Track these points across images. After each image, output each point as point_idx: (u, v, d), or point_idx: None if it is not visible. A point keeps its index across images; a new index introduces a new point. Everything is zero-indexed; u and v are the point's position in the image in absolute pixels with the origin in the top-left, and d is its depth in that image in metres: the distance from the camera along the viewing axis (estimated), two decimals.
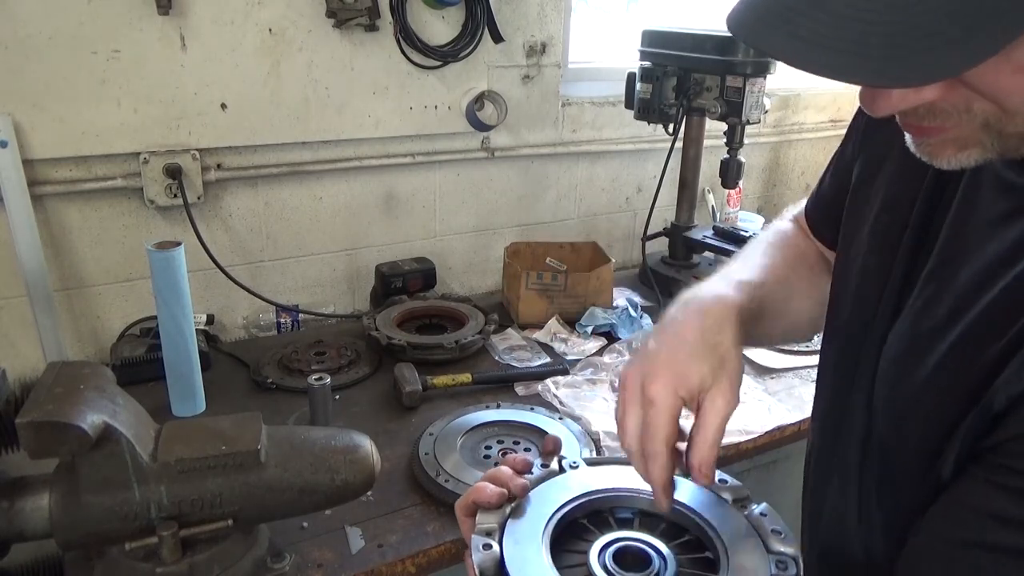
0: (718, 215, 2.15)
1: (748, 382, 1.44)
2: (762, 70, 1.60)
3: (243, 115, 1.48)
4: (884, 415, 0.64)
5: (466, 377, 1.36)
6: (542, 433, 1.21)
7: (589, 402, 1.32)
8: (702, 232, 1.88)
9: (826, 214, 0.83)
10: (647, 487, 0.65)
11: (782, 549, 0.61)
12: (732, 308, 0.68)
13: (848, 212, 0.75)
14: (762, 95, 1.63)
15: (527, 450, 1.18)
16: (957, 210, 0.60)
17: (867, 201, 0.71)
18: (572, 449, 1.16)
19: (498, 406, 1.29)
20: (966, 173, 0.60)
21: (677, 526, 0.65)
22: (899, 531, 0.61)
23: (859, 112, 0.78)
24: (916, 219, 0.64)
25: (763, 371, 1.49)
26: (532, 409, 1.27)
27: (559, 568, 0.60)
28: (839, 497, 0.71)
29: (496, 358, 1.51)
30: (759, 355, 1.53)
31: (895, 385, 0.62)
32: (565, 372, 1.43)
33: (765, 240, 0.88)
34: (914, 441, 0.59)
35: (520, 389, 1.39)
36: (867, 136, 0.75)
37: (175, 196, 1.44)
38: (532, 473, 0.69)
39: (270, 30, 1.45)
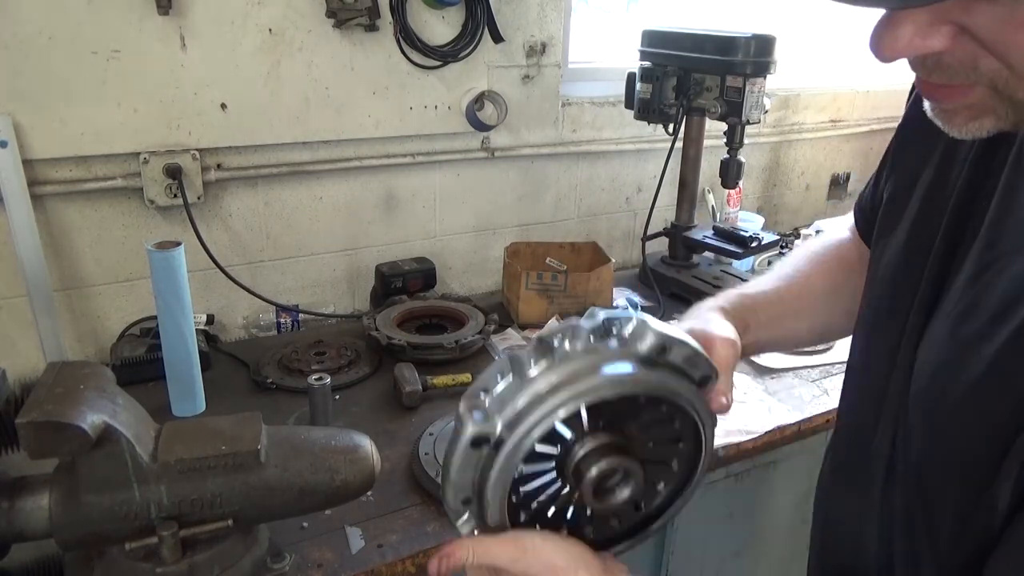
0: (718, 215, 2.15)
1: (748, 382, 1.44)
2: (762, 70, 1.60)
3: (243, 115, 1.48)
4: (919, 431, 0.60)
5: (466, 377, 1.36)
6: None
7: None
8: (702, 232, 1.88)
9: (869, 222, 0.82)
10: None
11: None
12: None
13: (880, 226, 0.74)
14: (762, 95, 1.63)
15: None
16: (995, 213, 0.58)
17: (899, 215, 0.70)
18: None
19: None
20: (1003, 175, 0.58)
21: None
22: (933, 564, 0.57)
23: (898, 130, 0.77)
24: (947, 225, 0.62)
25: (763, 371, 1.49)
26: None
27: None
28: (857, 517, 0.68)
29: (496, 358, 1.51)
30: (759, 355, 1.53)
31: (935, 398, 0.58)
32: None
33: (808, 247, 0.92)
34: (956, 460, 0.55)
35: None
36: (899, 152, 0.74)
37: (175, 196, 1.44)
38: None
39: (270, 30, 1.45)
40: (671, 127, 1.74)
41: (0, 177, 1.28)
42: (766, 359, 1.51)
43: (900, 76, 2.57)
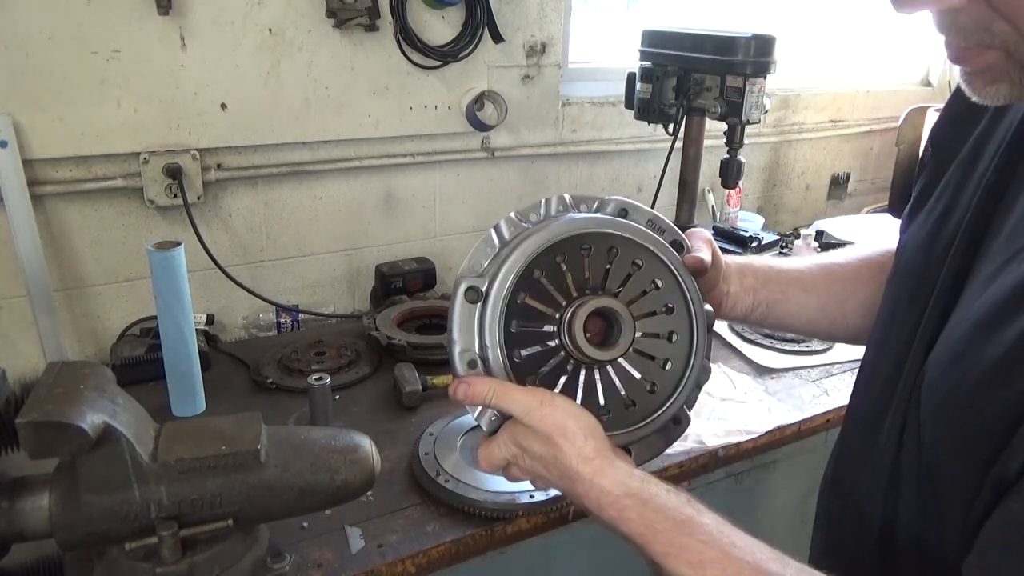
0: (718, 215, 2.15)
1: (748, 382, 1.44)
2: (762, 70, 1.60)
3: (243, 115, 1.48)
4: (931, 421, 0.59)
5: None
6: None
7: None
8: None
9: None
10: None
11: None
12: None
13: (905, 223, 0.75)
14: (762, 95, 1.63)
15: None
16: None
17: (923, 212, 0.71)
18: None
19: None
20: None
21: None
22: (940, 554, 0.57)
23: (931, 132, 0.78)
24: (971, 219, 0.62)
25: (763, 371, 1.49)
26: None
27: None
28: (862, 515, 0.68)
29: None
30: (759, 355, 1.53)
31: (949, 387, 0.57)
32: None
33: (852, 246, 0.95)
34: (968, 447, 0.54)
35: None
36: (931, 153, 0.75)
37: (175, 196, 1.44)
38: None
39: (270, 30, 1.45)
40: (671, 127, 1.74)
41: (0, 177, 1.28)
42: (766, 359, 1.51)
43: (900, 76, 2.57)
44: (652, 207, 1.91)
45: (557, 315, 0.68)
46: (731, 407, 1.35)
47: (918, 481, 0.61)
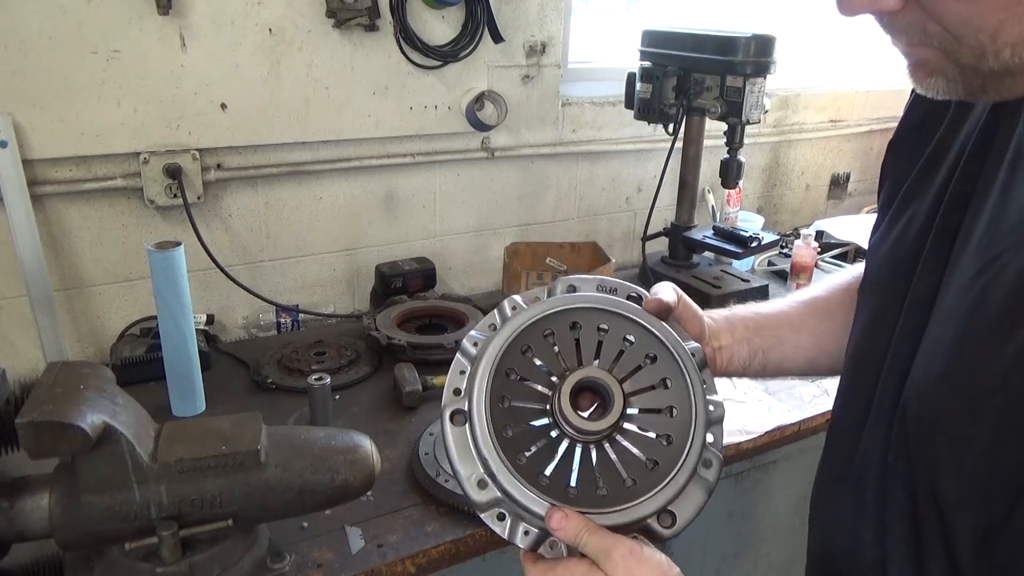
0: (718, 215, 2.15)
1: (748, 382, 1.44)
2: (762, 70, 1.60)
3: (243, 115, 1.48)
4: (930, 435, 0.57)
5: None
6: None
7: None
8: (702, 232, 1.88)
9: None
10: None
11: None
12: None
13: (872, 235, 0.75)
14: (762, 95, 1.63)
15: None
16: (993, 211, 0.57)
17: (887, 223, 0.71)
18: None
19: None
20: (1000, 175, 0.57)
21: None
22: (947, 565, 0.56)
23: (889, 145, 0.78)
24: (939, 227, 0.62)
25: None
26: None
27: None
28: (850, 518, 0.67)
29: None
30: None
31: (945, 401, 0.56)
32: None
33: (828, 276, 0.95)
34: (984, 464, 0.52)
35: None
36: (888, 166, 0.75)
37: (175, 196, 1.44)
38: None
39: (270, 30, 1.45)
40: (671, 127, 1.74)
41: (0, 177, 1.28)
42: None
43: (900, 76, 2.57)
44: (652, 207, 1.93)
45: (546, 406, 0.67)
46: (731, 407, 1.34)
47: (918, 491, 0.59)
